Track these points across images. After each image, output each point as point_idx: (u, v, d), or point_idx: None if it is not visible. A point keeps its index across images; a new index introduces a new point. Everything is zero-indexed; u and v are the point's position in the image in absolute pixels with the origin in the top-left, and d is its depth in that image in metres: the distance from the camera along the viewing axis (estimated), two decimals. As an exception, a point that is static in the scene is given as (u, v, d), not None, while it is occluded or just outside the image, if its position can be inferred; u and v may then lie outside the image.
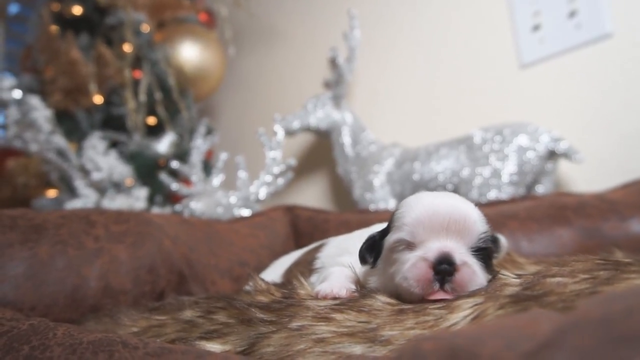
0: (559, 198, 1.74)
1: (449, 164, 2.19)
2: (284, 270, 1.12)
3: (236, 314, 0.74)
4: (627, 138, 2.03)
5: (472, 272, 0.73)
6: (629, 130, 2.02)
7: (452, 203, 0.79)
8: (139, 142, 2.72)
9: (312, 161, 3.01)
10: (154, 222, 1.41)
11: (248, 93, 3.42)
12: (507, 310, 0.55)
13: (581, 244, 1.57)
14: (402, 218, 0.79)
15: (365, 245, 0.86)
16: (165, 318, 0.81)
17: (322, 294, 0.77)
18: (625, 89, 2.04)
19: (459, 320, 0.59)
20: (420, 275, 0.72)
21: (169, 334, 0.77)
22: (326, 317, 0.66)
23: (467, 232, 0.76)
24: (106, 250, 1.21)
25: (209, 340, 0.71)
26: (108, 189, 2.50)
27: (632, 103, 2.02)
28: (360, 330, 0.62)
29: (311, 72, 3.03)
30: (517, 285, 0.63)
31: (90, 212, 1.30)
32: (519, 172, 2.02)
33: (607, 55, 2.09)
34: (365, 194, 2.41)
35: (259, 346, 0.66)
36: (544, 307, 0.53)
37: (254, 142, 2.48)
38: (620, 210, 1.59)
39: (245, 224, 1.93)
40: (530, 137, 2.02)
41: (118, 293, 1.18)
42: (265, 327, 0.69)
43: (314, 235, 1.89)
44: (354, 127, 2.60)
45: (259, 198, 2.22)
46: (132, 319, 0.83)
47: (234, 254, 1.68)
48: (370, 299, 0.70)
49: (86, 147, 2.45)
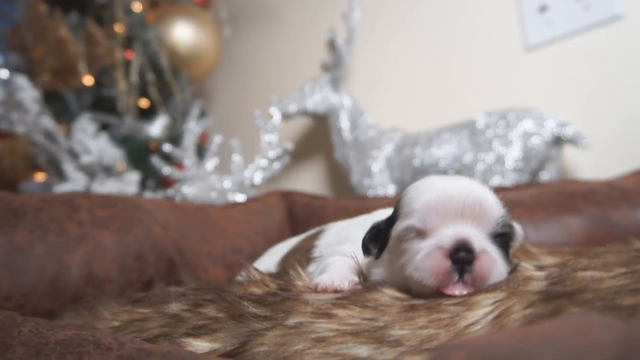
0: (566, 185, 1.67)
1: (451, 149, 2.11)
2: (279, 259, 1.05)
3: (226, 307, 0.67)
4: (635, 124, 1.96)
5: (492, 260, 0.65)
6: (637, 116, 1.95)
7: (466, 186, 0.71)
8: (130, 124, 2.64)
9: (309, 146, 2.93)
10: (143, 207, 1.33)
11: (244, 75, 3.33)
12: (536, 308, 0.47)
13: (590, 233, 1.50)
14: (412, 204, 0.71)
15: (369, 234, 0.78)
16: (149, 311, 0.73)
17: (321, 286, 0.69)
18: (636, 72, 1.96)
19: (479, 319, 0.52)
20: (436, 266, 0.64)
21: (153, 329, 0.69)
22: (327, 313, 0.59)
23: (484, 216, 0.68)
24: (90, 236, 1.13)
25: (196, 337, 0.64)
26: (98, 173, 2.42)
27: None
28: (366, 329, 0.55)
29: (309, 54, 2.94)
30: (542, 280, 0.56)
31: (74, 195, 1.22)
32: (524, 158, 1.95)
33: (616, 38, 2.01)
34: (363, 180, 2.34)
35: (251, 345, 0.59)
36: (580, 305, 0.46)
37: (250, 125, 2.40)
38: (631, 197, 1.52)
39: (239, 209, 1.86)
40: (536, 122, 1.95)
41: (102, 282, 1.10)
42: (258, 324, 0.62)
43: (310, 221, 1.83)
44: (353, 111, 2.52)
45: (254, 183, 2.14)
46: (112, 312, 0.76)
47: (228, 241, 1.61)
48: (376, 293, 0.62)
49: (75, 130, 2.37)
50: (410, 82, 2.59)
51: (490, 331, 0.48)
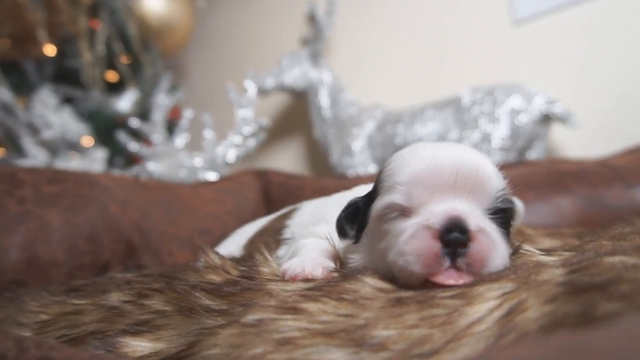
0: (557, 164, 1.58)
1: (435, 127, 2.02)
2: (246, 241, 0.93)
3: (175, 299, 0.55)
4: (627, 101, 1.87)
5: (491, 241, 0.54)
6: (629, 92, 1.87)
7: (460, 153, 0.59)
8: (97, 99, 2.48)
9: (286, 123, 2.80)
10: (99, 184, 1.20)
11: (219, 49, 3.18)
12: (560, 305, 0.37)
13: (582, 214, 1.43)
14: (395, 176, 0.59)
15: (344, 213, 0.66)
16: (84, 302, 0.61)
17: (290, 273, 0.58)
18: (627, 47, 1.88)
19: (483, 316, 0.41)
20: (423, 249, 0.53)
21: (87, 325, 0.57)
22: (294, 308, 0.47)
23: (481, 189, 0.57)
24: (34, 215, 1.01)
25: (136, 336, 0.52)
26: (61, 149, 2.27)
27: (634, 63, 1.86)
28: (342, 328, 0.44)
29: (288, 27, 2.80)
30: (557, 267, 0.46)
31: (18, 169, 1.09)
32: (511, 137, 1.86)
33: (608, 11, 1.92)
34: (343, 159, 2.23)
35: (200, 346, 0.48)
36: (616, 301, 0.35)
37: (225, 101, 2.27)
38: (625, 177, 1.44)
39: (210, 188, 1.73)
40: (524, 99, 1.86)
41: (48, 266, 0.98)
42: (211, 320, 0.50)
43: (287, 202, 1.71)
44: (333, 87, 2.40)
45: (226, 161, 2.02)
46: (41, 304, 0.64)
47: (196, 221, 1.49)
48: (355, 283, 0.51)
49: (35, 102, 2.21)
50: (393, 57, 2.47)
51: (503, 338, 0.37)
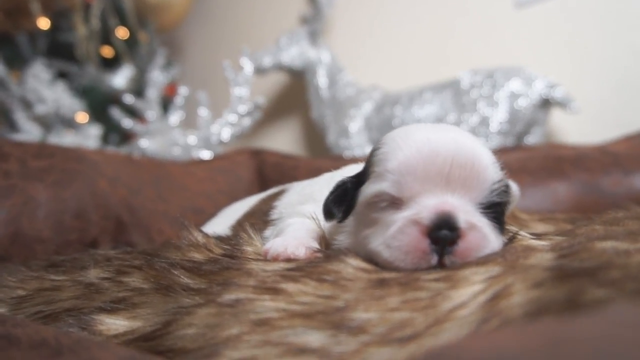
0: (555, 149, 1.56)
1: (433, 109, 1.99)
2: (234, 222, 0.91)
3: (154, 276, 0.54)
4: (627, 87, 1.85)
5: (482, 237, 0.53)
6: (629, 78, 1.84)
7: (456, 140, 0.56)
8: (92, 74, 2.44)
9: (283, 103, 2.77)
10: (88, 159, 1.18)
11: (217, 26, 3.13)
12: (546, 289, 0.35)
13: (578, 200, 1.41)
14: (386, 161, 0.57)
15: (332, 195, 0.63)
16: (63, 279, 0.60)
17: (272, 253, 0.56)
18: (628, 33, 1.85)
19: (467, 300, 0.40)
20: (410, 245, 0.52)
21: (63, 302, 0.56)
22: (273, 288, 0.46)
23: (476, 181, 0.55)
24: (19, 189, 0.99)
25: (111, 314, 0.51)
26: (55, 124, 2.24)
27: (634, 49, 1.83)
28: (321, 310, 0.42)
29: (286, 5, 2.75)
30: (546, 251, 0.44)
31: (4, 142, 1.07)
32: (510, 121, 1.84)
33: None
34: (340, 140, 2.21)
35: (176, 325, 0.46)
36: (605, 286, 0.34)
37: (221, 79, 2.23)
38: (623, 163, 1.43)
39: (203, 167, 1.71)
40: (524, 82, 1.83)
41: (32, 242, 0.96)
42: (188, 299, 0.49)
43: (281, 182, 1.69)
44: (331, 67, 2.37)
45: (221, 140, 1.99)
46: (18, 279, 0.62)
47: (187, 200, 1.47)
48: (337, 264, 0.49)
49: (28, 76, 2.17)
50: (393, 38, 2.44)
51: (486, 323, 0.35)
